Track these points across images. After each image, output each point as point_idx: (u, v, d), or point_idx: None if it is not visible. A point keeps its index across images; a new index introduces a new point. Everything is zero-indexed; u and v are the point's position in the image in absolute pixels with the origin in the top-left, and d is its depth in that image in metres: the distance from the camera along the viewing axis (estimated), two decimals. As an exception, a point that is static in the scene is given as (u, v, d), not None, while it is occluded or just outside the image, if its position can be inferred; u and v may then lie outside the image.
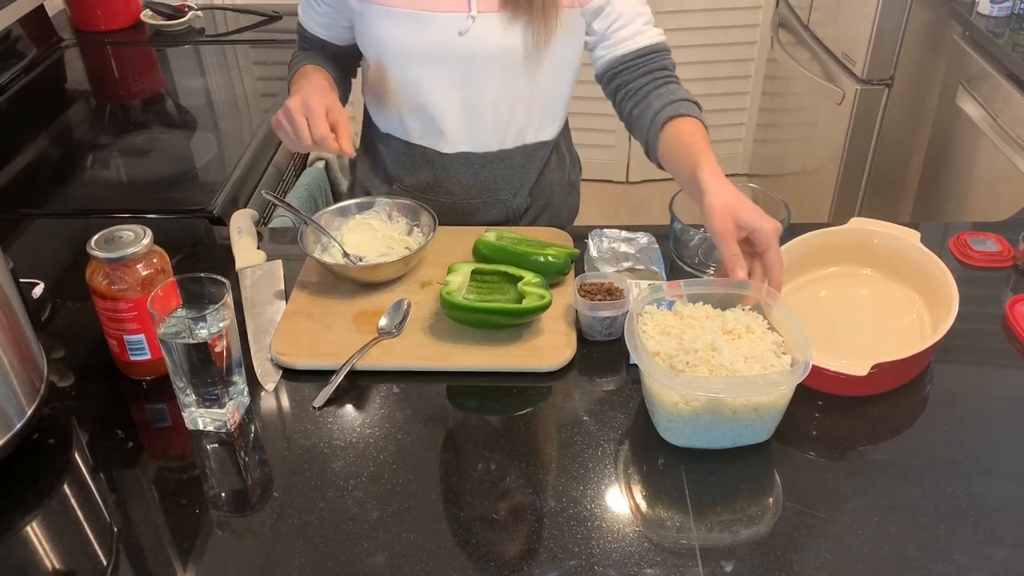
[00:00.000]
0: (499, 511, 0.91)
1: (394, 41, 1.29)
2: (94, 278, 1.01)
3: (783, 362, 0.97)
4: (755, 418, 0.94)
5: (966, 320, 1.06)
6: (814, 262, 1.20)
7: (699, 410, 0.92)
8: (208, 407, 0.99)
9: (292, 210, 1.24)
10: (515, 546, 0.87)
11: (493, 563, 0.86)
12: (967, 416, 1.02)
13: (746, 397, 0.92)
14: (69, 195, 1.58)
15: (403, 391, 1.07)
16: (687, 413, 0.93)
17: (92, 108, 1.95)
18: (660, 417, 0.96)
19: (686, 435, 0.96)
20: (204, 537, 0.89)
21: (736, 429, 0.95)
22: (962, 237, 1.29)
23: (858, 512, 0.90)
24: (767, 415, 0.94)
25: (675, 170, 1.19)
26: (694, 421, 0.94)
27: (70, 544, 0.90)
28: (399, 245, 1.25)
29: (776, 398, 0.93)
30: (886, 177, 2.49)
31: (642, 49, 1.29)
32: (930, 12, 2.26)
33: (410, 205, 1.27)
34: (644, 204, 3.21)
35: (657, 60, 1.30)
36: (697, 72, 3.11)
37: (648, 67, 1.29)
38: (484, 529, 0.89)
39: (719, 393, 0.92)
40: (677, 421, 0.95)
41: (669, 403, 0.93)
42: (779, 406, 0.95)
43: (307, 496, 0.93)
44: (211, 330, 0.95)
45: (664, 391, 0.93)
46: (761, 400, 0.92)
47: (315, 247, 1.21)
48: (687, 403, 0.92)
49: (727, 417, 0.93)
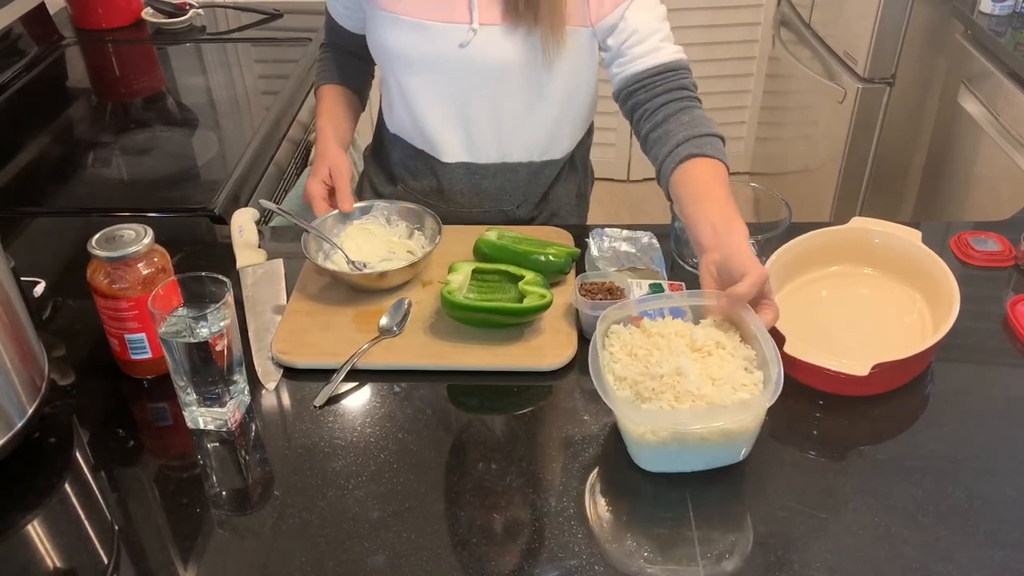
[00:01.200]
0: (499, 510, 0.91)
1: (397, 48, 1.29)
2: (95, 277, 1.01)
3: (755, 379, 0.93)
4: (726, 442, 0.91)
5: (967, 320, 1.06)
6: (815, 261, 1.20)
7: (667, 440, 0.90)
8: (209, 406, 0.99)
9: (291, 218, 1.24)
10: (516, 545, 0.87)
11: (493, 562, 0.86)
12: (968, 416, 1.02)
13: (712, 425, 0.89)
14: (70, 194, 1.58)
15: (404, 390, 1.07)
16: (655, 443, 0.91)
17: (93, 106, 1.95)
18: (630, 445, 0.94)
19: (657, 462, 0.93)
20: (205, 536, 0.89)
21: (709, 453, 0.92)
22: (963, 236, 1.29)
23: (858, 512, 0.90)
24: (739, 438, 0.92)
25: (682, 211, 1.12)
26: (663, 450, 0.91)
27: (71, 543, 0.90)
28: (400, 249, 1.25)
29: (746, 422, 0.90)
30: (887, 176, 2.49)
31: (659, 67, 1.24)
32: (932, 10, 2.26)
33: (414, 209, 1.27)
34: (645, 203, 3.21)
35: (675, 79, 1.24)
36: (698, 70, 3.06)
37: (666, 86, 1.23)
38: (484, 528, 0.89)
39: (684, 425, 0.89)
40: (646, 450, 0.92)
41: (636, 434, 0.91)
42: (751, 429, 0.92)
43: (308, 495, 0.93)
44: (212, 329, 0.95)
45: (629, 423, 0.92)
46: (731, 427, 0.90)
47: (317, 254, 1.21)
48: (654, 433, 0.90)
49: (696, 444, 0.91)
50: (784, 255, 1.15)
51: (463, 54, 1.25)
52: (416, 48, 1.27)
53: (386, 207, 1.28)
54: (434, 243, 1.20)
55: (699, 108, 1.24)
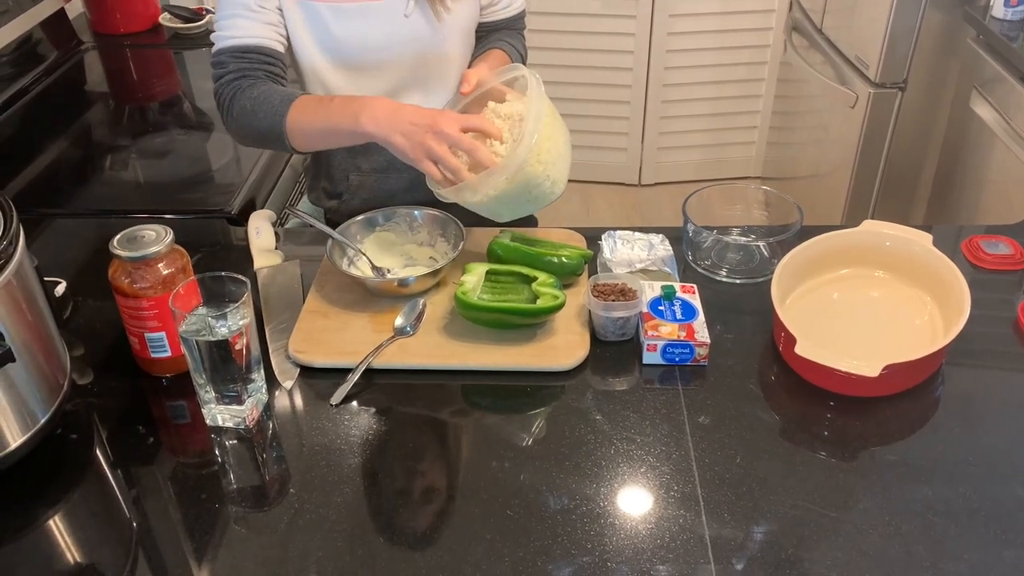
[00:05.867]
0: (513, 507, 0.92)
1: (346, 37, 1.29)
2: (116, 276, 1.03)
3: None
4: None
5: (978, 323, 1.06)
6: (827, 264, 1.20)
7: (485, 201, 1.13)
8: (227, 404, 1.01)
9: (317, 225, 1.25)
10: (529, 541, 0.89)
11: (508, 559, 0.87)
12: (978, 418, 1.03)
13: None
14: (89, 196, 1.60)
15: (418, 390, 1.08)
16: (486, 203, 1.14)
17: (111, 110, 1.98)
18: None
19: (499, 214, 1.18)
20: (221, 532, 0.91)
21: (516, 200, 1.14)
22: (974, 240, 1.29)
23: (869, 512, 0.91)
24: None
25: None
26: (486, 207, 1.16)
27: (91, 537, 0.92)
28: (423, 255, 1.27)
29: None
30: (899, 180, 2.49)
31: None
32: (944, 15, 2.26)
33: (437, 216, 1.27)
34: (657, 207, 3.21)
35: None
36: (710, 75, 3.12)
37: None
38: (498, 525, 0.90)
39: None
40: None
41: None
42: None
43: (324, 492, 0.94)
44: (231, 328, 0.96)
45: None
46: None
47: (342, 260, 1.22)
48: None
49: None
50: (796, 258, 1.16)
51: (410, 24, 1.30)
52: (366, 31, 1.29)
53: (407, 213, 1.29)
54: (457, 250, 1.21)
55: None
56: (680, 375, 1.09)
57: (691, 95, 3.14)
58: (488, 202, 1.14)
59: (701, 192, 1.29)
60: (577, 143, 3.57)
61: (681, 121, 3.20)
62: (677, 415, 1.03)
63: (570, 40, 3.02)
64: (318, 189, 1.52)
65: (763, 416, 1.03)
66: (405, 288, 1.18)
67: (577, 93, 3.12)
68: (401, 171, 1.39)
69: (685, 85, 3.12)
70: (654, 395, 1.05)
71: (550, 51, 3.01)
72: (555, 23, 2.98)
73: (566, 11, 2.97)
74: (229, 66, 1.25)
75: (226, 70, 1.25)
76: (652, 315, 1.11)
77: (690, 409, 1.03)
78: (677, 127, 3.20)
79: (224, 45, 1.26)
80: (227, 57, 1.25)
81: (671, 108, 3.16)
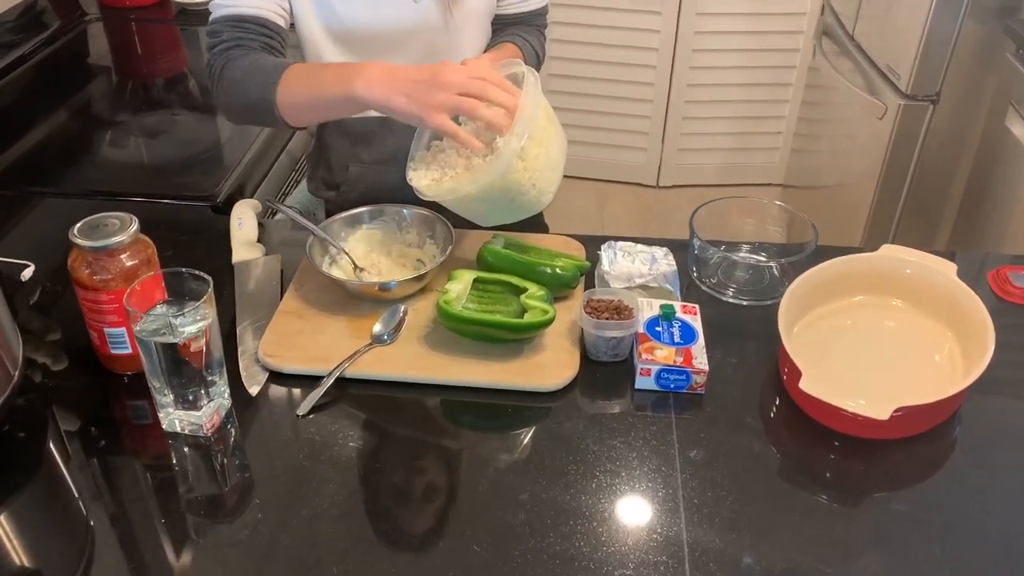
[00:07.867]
0: (481, 543, 0.85)
1: (352, 19, 1.24)
2: (76, 267, 0.96)
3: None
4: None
5: (1002, 360, 0.98)
6: (841, 289, 1.12)
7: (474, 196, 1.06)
8: (185, 409, 0.94)
9: (298, 219, 1.18)
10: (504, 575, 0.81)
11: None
12: (997, 467, 0.95)
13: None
14: (78, 175, 1.54)
15: (393, 403, 1.01)
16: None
17: (112, 84, 1.92)
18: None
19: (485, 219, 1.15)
20: (176, 542, 0.85)
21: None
22: (1002, 271, 1.20)
23: (868, 571, 0.83)
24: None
25: None
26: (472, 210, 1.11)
27: (33, 545, 0.86)
28: (410, 258, 1.20)
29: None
30: (925, 198, 2.39)
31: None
32: (983, 27, 2.16)
33: (427, 216, 1.20)
34: (675, 210, 3.13)
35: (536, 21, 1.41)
36: (737, 77, 3.03)
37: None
38: (463, 562, 0.83)
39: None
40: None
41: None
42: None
43: (281, 510, 0.88)
44: (189, 329, 0.90)
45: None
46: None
47: (323, 258, 1.15)
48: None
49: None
50: (807, 282, 1.08)
51: (418, 9, 1.24)
52: (373, 13, 1.24)
53: (396, 211, 1.22)
54: (445, 254, 1.14)
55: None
56: (674, 403, 1.01)
57: (715, 96, 3.05)
58: (470, 204, 1.07)
59: (711, 204, 1.21)
60: (595, 140, 3.49)
61: (704, 123, 3.11)
62: (668, 448, 0.95)
63: (593, 34, 2.94)
64: (317, 178, 1.46)
65: (760, 453, 0.96)
66: (387, 292, 1.10)
67: (598, 89, 3.03)
68: (403, 164, 1.32)
69: (710, 86, 3.03)
70: (645, 424, 0.98)
71: (572, 44, 2.93)
72: (579, 16, 2.90)
73: (591, 4, 2.89)
74: (223, 35, 1.18)
75: (220, 39, 1.18)
76: (648, 336, 1.03)
77: (682, 442, 0.96)
78: (699, 129, 3.12)
79: (221, 14, 1.19)
80: (222, 26, 1.18)
81: (694, 109, 3.07)
